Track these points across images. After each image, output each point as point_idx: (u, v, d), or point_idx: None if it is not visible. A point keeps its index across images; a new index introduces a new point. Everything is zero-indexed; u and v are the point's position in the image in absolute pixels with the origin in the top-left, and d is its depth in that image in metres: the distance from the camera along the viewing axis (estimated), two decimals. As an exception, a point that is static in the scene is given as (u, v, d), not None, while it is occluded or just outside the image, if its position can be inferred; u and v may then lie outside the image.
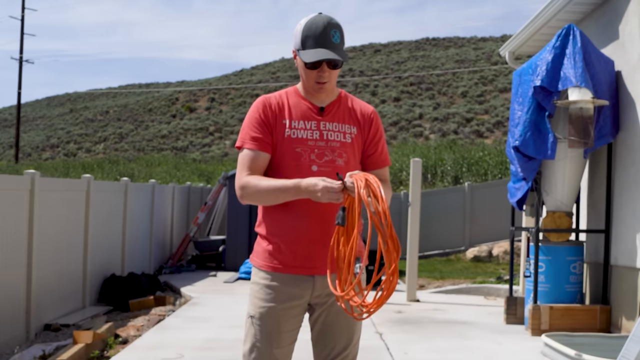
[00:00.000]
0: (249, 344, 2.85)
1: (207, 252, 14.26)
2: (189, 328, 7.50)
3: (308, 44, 2.78)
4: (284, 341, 2.83)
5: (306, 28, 2.80)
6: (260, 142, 2.83)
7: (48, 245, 7.86)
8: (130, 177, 25.36)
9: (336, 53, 2.78)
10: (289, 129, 2.84)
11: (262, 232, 2.90)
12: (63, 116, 60.99)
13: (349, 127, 2.92)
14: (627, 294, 6.82)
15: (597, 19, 7.83)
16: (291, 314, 2.84)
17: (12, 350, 6.73)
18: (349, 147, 2.90)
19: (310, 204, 2.77)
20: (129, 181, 11.11)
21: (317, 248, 2.81)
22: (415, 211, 9.74)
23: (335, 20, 2.82)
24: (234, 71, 72.86)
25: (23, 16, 42.69)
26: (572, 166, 7.24)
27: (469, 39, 68.98)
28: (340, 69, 2.90)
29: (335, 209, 2.78)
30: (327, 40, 2.77)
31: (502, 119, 37.47)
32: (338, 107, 2.94)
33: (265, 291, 2.83)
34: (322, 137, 2.86)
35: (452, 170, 22.96)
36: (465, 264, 15.80)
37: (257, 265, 2.89)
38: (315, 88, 2.87)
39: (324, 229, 2.81)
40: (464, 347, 6.72)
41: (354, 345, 2.94)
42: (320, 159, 2.84)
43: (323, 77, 2.83)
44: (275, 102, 2.90)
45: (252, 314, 2.85)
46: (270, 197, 2.77)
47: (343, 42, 2.84)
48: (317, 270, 2.82)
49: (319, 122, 2.88)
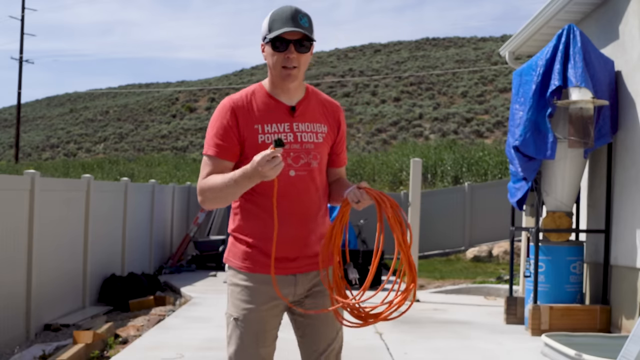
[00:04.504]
0: (234, 345, 2.82)
1: (207, 252, 14.25)
2: (189, 328, 7.50)
3: (275, 27, 2.71)
4: (268, 340, 2.83)
5: (272, 14, 2.75)
6: (222, 150, 2.75)
7: (48, 245, 7.86)
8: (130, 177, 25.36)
9: (305, 31, 2.71)
10: (262, 134, 2.75)
11: (238, 233, 2.86)
12: (63, 116, 60.98)
13: (320, 125, 2.86)
14: (627, 294, 6.82)
15: (597, 19, 7.83)
16: (274, 312, 2.84)
17: (12, 350, 6.73)
18: (321, 148, 2.85)
19: (285, 201, 2.75)
20: (129, 181, 11.11)
21: (296, 247, 2.80)
22: (415, 211, 9.73)
23: (303, 10, 2.76)
24: (234, 71, 72.90)
25: (23, 16, 42.70)
26: (572, 166, 7.23)
27: (469, 39, 68.97)
28: (309, 56, 2.79)
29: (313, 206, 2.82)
30: (294, 22, 2.70)
31: (502, 119, 37.47)
32: (308, 105, 2.86)
33: (247, 292, 2.81)
34: (296, 139, 2.79)
35: (452, 170, 22.95)
36: (465, 264, 15.81)
37: (235, 266, 2.85)
38: (282, 75, 2.74)
39: (302, 228, 2.81)
40: (464, 347, 6.72)
41: (339, 337, 2.94)
42: (296, 162, 2.78)
43: (290, 60, 2.71)
44: (242, 104, 2.78)
45: (236, 316, 2.81)
46: (228, 191, 2.67)
47: (312, 28, 2.75)
48: (298, 269, 2.82)
49: (292, 123, 2.79)
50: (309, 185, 2.82)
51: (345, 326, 2.87)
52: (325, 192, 2.93)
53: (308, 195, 2.82)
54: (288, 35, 2.70)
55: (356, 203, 2.70)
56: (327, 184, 2.94)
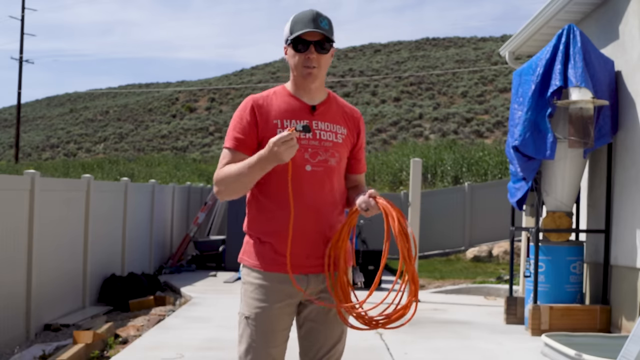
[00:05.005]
0: (244, 344, 2.84)
1: (207, 252, 14.25)
2: (189, 328, 7.50)
3: (296, 29, 2.80)
4: (279, 340, 2.84)
5: (294, 17, 2.84)
6: (240, 143, 2.83)
7: (48, 245, 7.86)
8: (130, 177, 25.35)
9: (326, 32, 2.79)
10: (280, 128, 2.81)
11: (252, 231, 2.89)
12: (63, 116, 60.99)
13: (339, 127, 2.92)
14: (627, 294, 6.82)
15: (597, 19, 7.83)
16: (286, 312, 2.85)
17: (12, 350, 6.73)
18: (340, 148, 2.90)
19: (299, 195, 2.78)
20: (129, 181, 11.11)
21: (307, 243, 2.82)
22: (415, 211, 9.73)
23: (324, 14, 2.85)
24: (234, 71, 72.90)
25: (23, 16, 42.69)
26: (572, 166, 7.23)
27: (469, 39, 68.98)
28: (329, 57, 2.86)
29: (327, 206, 2.85)
30: (315, 24, 2.79)
31: (502, 119, 37.47)
32: (329, 107, 2.93)
33: (260, 291, 2.83)
34: (315, 136, 2.85)
35: (452, 170, 22.95)
36: (465, 264, 15.81)
37: (248, 265, 2.88)
38: (303, 74, 2.82)
39: (315, 226, 2.82)
40: (464, 347, 6.72)
41: (342, 343, 2.95)
42: (313, 158, 2.83)
43: (311, 60, 2.79)
44: (263, 102, 2.87)
45: (247, 314, 2.84)
46: (242, 178, 2.73)
47: (332, 30, 2.83)
48: (311, 269, 2.84)
49: (311, 121, 2.86)
50: (324, 182, 2.85)
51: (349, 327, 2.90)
52: (342, 195, 2.95)
53: (322, 192, 2.85)
54: (308, 36, 2.79)
55: (365, 211, 2.76)
56: (345, 188, 2.97)
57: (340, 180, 2.93)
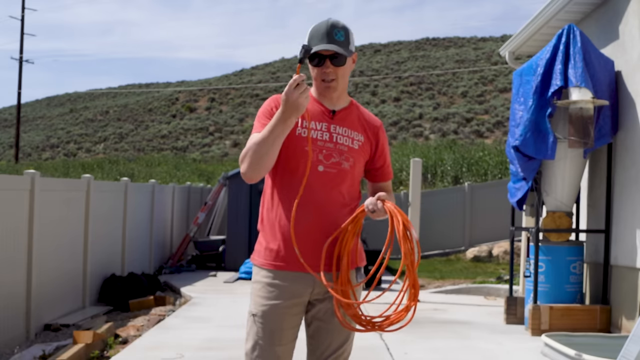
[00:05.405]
0: (251, 342, 2.87)
1: (207, 252, 14.25)
2: (189, 328, 7.51)
3: (312, 44, 2.84)
4: (285, 339, 2.86)
5: (311, 30, 2.88)
6: None
7: (48, 245, 7.86)
8: (130, 177, 25.36)
9: (338, 48, 2.82)
10: (300, 127, 2.87)
11: (264, 230, 2.93)
12: (63, 116, 60.99)
13: (357, 134, 2.97)
14: (627, 294, 6.82)
15: (597, 19, 7.83)
16: (293, 311, 2.87)
17: (12, 350, 6.73)
18: (356, 153, 2.94)
19: (309, 193, 2.82)
20: (129, 181, 11.11)
21: (318, 246, 2.84)
22: (415, 211, 9.74)
23: (341, 23, 2.88)
24: (234, 71, 72.92)
25: (23, 16, 42.69)
26: (572, 166, 7.24)
27: (469, 39, 69.01)
28: (348, 67, 2.92)
29: (336, 207, 2.87)
30: (329, 38, 2.83)
31: (502, 119, 37.48)
32: (349, 114, 2.99)
33: (268, 289, 2.86)
34: (331, 139, 2.90)
35: (452, 170, 22.95)
36: (465, 264, 15.81)
37: (258, 263, 2.92)
38: (322, 87, 2.91)
39: (324, 226, 2.85)
40: (464, 347, 6.72)
41: (350, 343, 2.97)
42: (327, 160, 2.88)
43: (327, 74, 2.86)
44: None
45: (255, 312, 2.87)
46: (266, 145, 2.73)
47: (348, 41, 2.88)
48: (319, 268, 2.85)
49: (330, 124, 2.92)
50: (335, 184, 2.88)
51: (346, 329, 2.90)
52: (353, 200, 2.97)
53: (332, 193, 2.88)
54: (323, 51, 2.83)
55: (372, 212, 2.78)
56: (358, 194, 3.00)
57: (353, 185, 2.97)
